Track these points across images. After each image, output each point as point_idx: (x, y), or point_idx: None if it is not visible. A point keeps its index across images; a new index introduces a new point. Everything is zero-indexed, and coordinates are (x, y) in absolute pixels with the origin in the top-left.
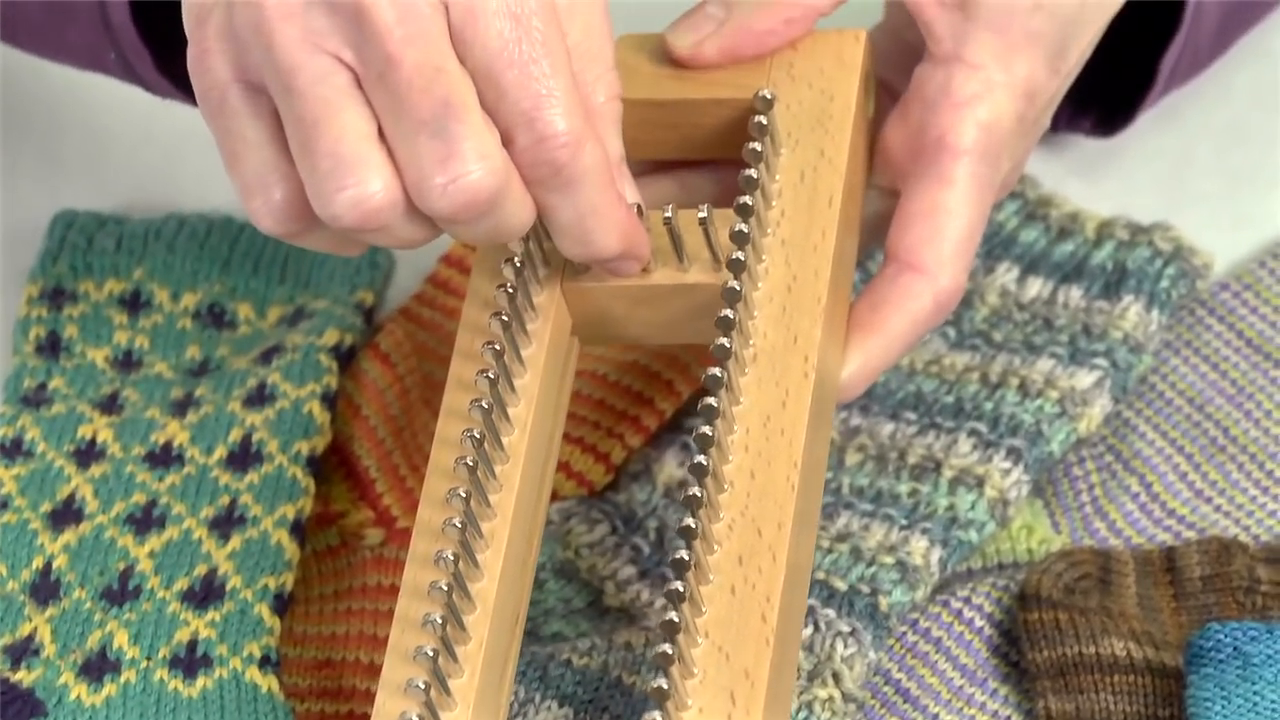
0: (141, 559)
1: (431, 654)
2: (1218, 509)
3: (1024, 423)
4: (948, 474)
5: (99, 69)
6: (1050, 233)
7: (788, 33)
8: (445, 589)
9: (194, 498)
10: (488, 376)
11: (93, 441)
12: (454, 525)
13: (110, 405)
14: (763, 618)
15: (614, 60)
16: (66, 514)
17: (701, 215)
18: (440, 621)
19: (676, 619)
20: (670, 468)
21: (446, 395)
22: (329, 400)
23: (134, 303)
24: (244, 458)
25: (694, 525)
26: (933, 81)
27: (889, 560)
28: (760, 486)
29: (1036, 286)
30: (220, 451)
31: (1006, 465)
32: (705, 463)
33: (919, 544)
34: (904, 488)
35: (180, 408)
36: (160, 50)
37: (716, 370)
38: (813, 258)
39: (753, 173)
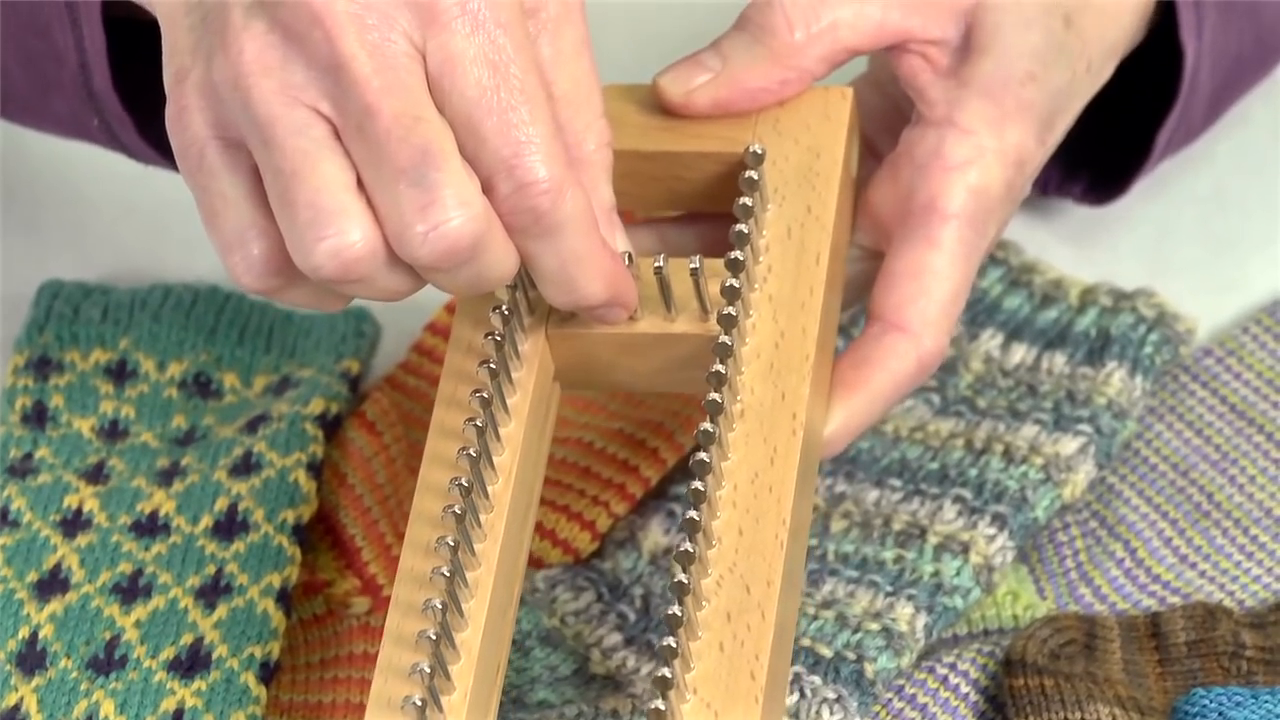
0: (128, 628)
1: (420, 704)
2: (1203, 574)
3: (1009, 489)
4: (933, 540)
5: (83, 137)
6: (1034, 299)
7: (781, 91)
8: (433, 638)
9: (180, 567)
10: (475, 425)
11: (79, 511)
12: (441, 574)
13: (96, 475)
14: (751, 675)
15: (603, 108)
16: (53, 583)
17: (693, 265)
18: (428, 670)
19: (669, 675)
20: (656, 535)
21: (430, 442)
22: (315, 469)
23: (120, 372)
24: (230, 527)
25: (686, 581)
26: (923, 144)
27: (874, 627)
28: (749, 543)
29: (1020, 353)
30: (206, 521)
31: (991, 531)
32: (697, 518)
33: (904, 610)
34: (889, 554)
35: (166, 477)
36: (142, 116)
37: (708, 425)
38: (800, 315)
39: (743, 227)
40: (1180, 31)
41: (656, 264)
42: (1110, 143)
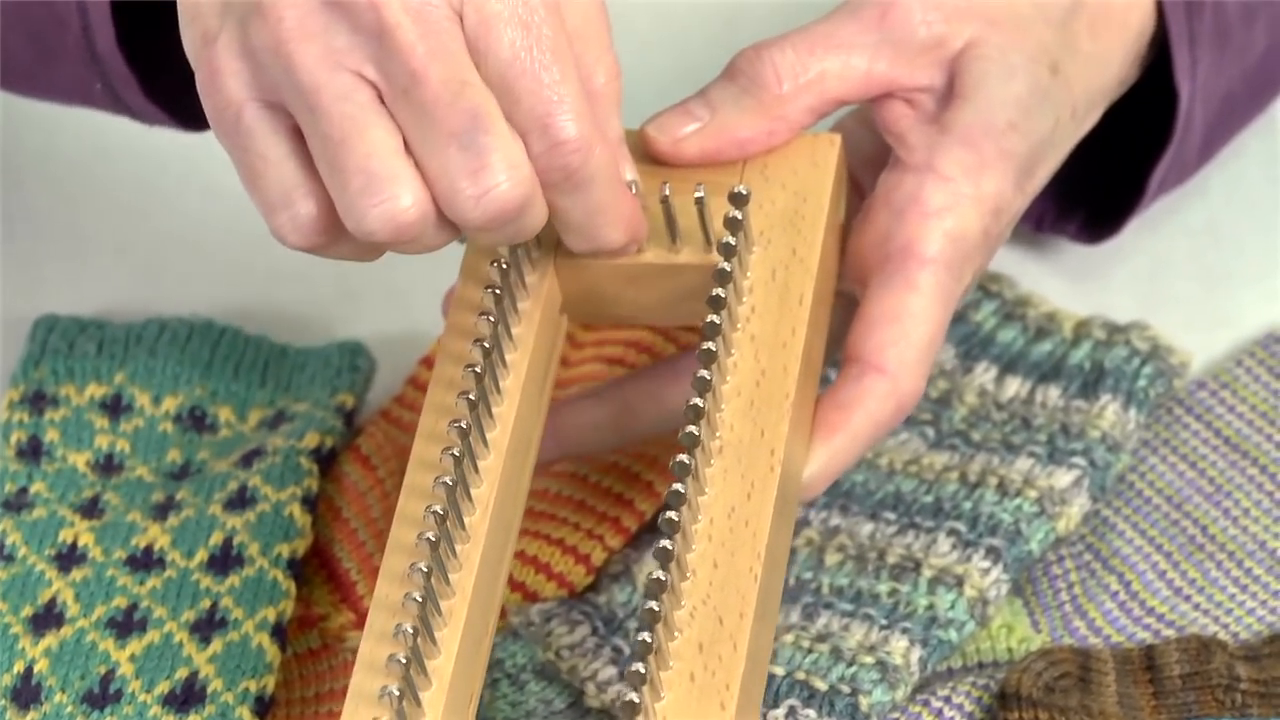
0: (122, 663)
1: None
2: (1197, 607)
3: (1003, 522)
4: (927, 573)
5: (86, 103)
6: (1028, 332)
7: (769, 141)
8: (403, 662)
9: (175, 601)
10: (453, 454)
11: (74, 545)
12: (414, 599)
13: (91, 509)
14: (721, 705)
15: (611, 42)
16: (48, 618)
17: (698, 195)
18: (397, 694)
19: (637, 700)
20: (650, 568)
21: (409, 474)
22: (310, 503)
23: (115, 406)
24: (225, 561)
25: (657, 609)
26: (902, 189)
27: (869, 660)
28: (723, 576)
29: (1015, 386)
30: (201, 555)
31: (986, 564)
32: (671, 548)
33: (899, 643)
34: (884, 587)
35: (161, 511)
36: (145, 77)
37: (684, 457)
38: (782, 354)
39: (726, 266)
40: (1175, 73)
41: (663, 194)
42: (1105, 181)
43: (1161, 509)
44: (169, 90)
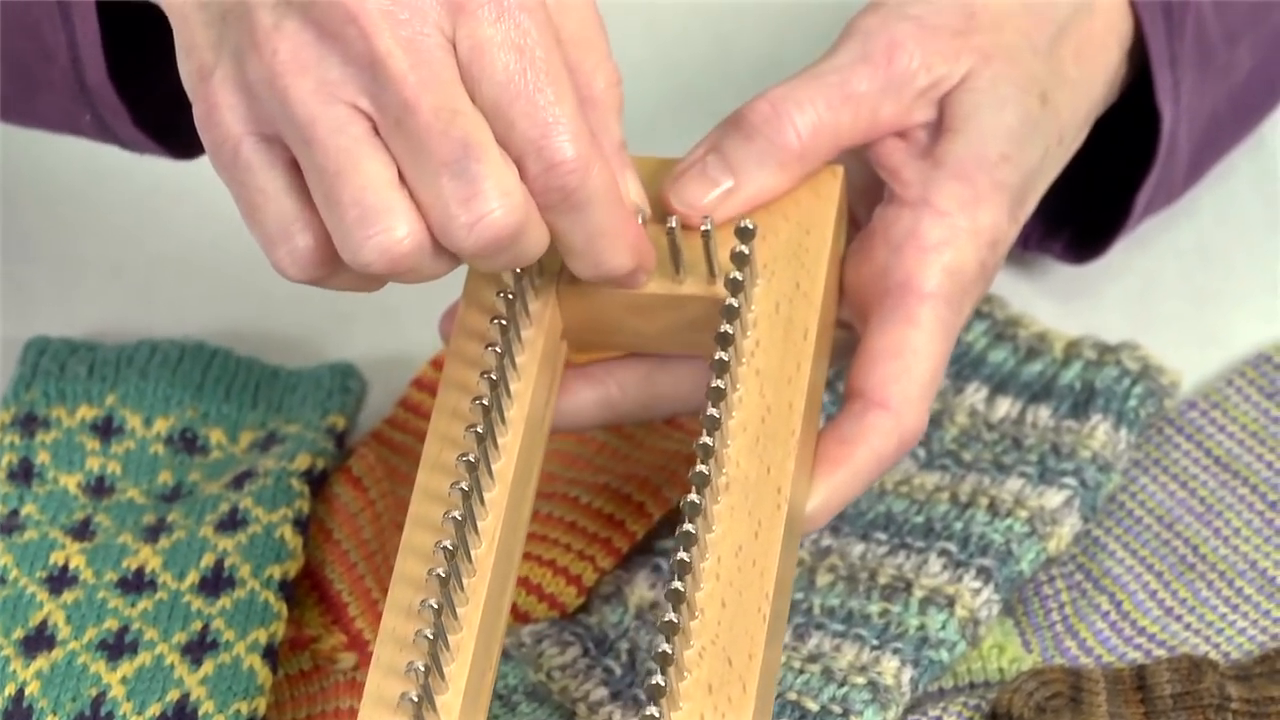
0: (114, 685)
1: None
2: (1188, 627)
3: (994, 542)
4: (918, 594)
5: (74, 133)
6: (1019, 353)
7: (786, 192)
8: (415, 700)
9: (166, 623)
10: (461, 488)
11: (65, 568)
12: (425, 636)
13: (82, 531)
14: None
15: (609, 49)
16: (39, 641)
17: (704, 228)
18: None
19: None
20: (641, 589)
21: (414, 504)
22: (301, 525)
23: (106, 428)
24: (216, 583)
25: (670, 651)
26: (899, 224)
27: (860, 680)
28: (731, 616)
29: (1005, 406)
30: (192, 577)
31: (977, 585)
32: (682, 589)
33: (890, 664)
34: (875, 608)
35: (152, 533)
36: (133, 106)
37: (694, 497)
38: (787, 390)
39: (733, 301)
40: (1157, 95)
41: (670, 225)
42: (1091, 201)
43: (1152, 529)
44: (155, 117)
